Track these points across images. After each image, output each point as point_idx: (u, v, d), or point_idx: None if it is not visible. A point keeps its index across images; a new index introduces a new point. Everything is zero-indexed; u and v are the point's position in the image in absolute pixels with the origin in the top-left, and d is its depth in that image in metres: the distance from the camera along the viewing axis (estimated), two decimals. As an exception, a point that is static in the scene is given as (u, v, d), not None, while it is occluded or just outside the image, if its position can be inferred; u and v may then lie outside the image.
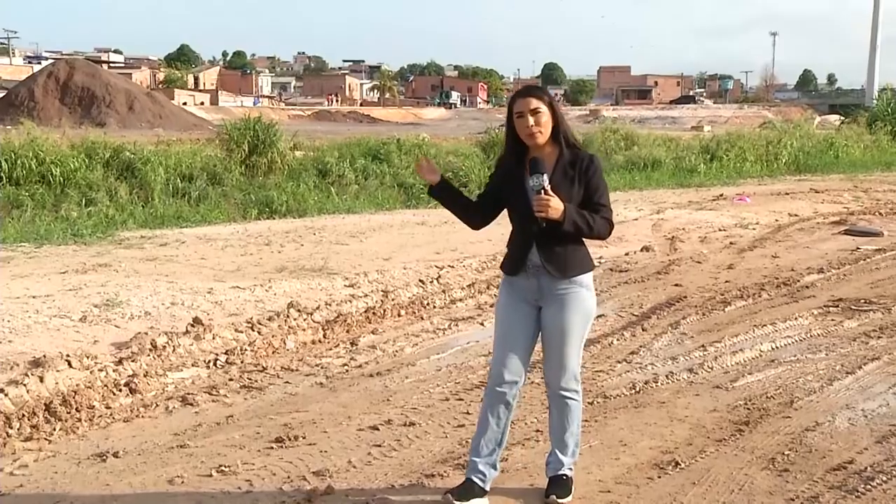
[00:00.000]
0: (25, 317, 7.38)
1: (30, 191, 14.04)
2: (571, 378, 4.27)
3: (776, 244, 12.82)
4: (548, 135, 4.06)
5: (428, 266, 10.34)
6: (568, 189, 4.02)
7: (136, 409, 5.79)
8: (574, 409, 4.34)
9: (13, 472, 4.75)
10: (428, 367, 6.83)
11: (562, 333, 4.16)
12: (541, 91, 4.10)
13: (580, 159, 4.08)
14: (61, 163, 14.88)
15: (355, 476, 4.74)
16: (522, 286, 4.19)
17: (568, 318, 4.14)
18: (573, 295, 4.12)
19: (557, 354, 4.21)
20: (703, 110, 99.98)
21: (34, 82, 54.21)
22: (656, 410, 5.80)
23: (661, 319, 8.24)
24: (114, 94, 53.14)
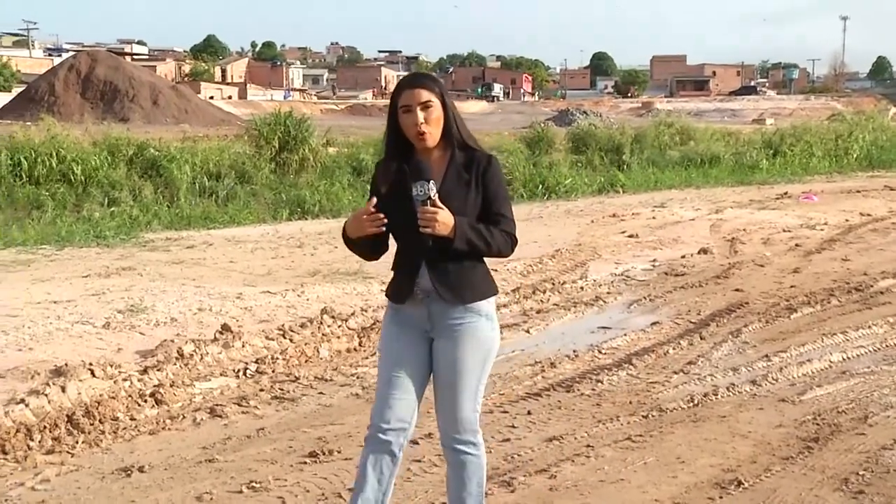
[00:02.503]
0: (47, 323, 7.49)
1: (50, 190, 14.25)
2: (466, 428, 3.65)
3: (847, 246, 12.66)
4: (439, 134, 3.56)
5: (470, 270, 10.32)
6: (463, 196, 3.53)
7: (162, 420, 5.85)
8: (471, 465, 3.69)
9: (35, 486, 4.82)
10: (470, 377, 6.81)
11: (455, 373, 3.60)
12: (432, 80, 3.63)
13: (476, 161, 3.59)
14: (83, 161, 15.08)
15: (395, 493, 4.73)
16: (411, 315, 3.65)
17: (462, 355, 3.60)
18: (470, 326, 3.59)
19: (449, 398, 3.63)
20: (766, 102, 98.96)
21: (54, 76, 54.93)
22: (716, 425, 5.75)
23: (721, 327, 8.17)
24: (137, 88, 53.69)
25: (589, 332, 8.17)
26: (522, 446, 5.39)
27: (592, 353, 7.42)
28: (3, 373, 6.29)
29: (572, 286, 9.96)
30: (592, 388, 6.48)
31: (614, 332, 8.05)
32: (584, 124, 27.88)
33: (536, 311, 8.90)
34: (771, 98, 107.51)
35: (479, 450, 3.71)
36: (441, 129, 3.56)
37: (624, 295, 9.66)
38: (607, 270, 10.86)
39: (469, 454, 3.68)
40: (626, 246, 12.67)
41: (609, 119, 39.26)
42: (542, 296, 9.44)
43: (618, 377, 6.74)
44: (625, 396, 6.32)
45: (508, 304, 9.13)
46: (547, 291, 9.60)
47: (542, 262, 11.18)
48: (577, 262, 11.39)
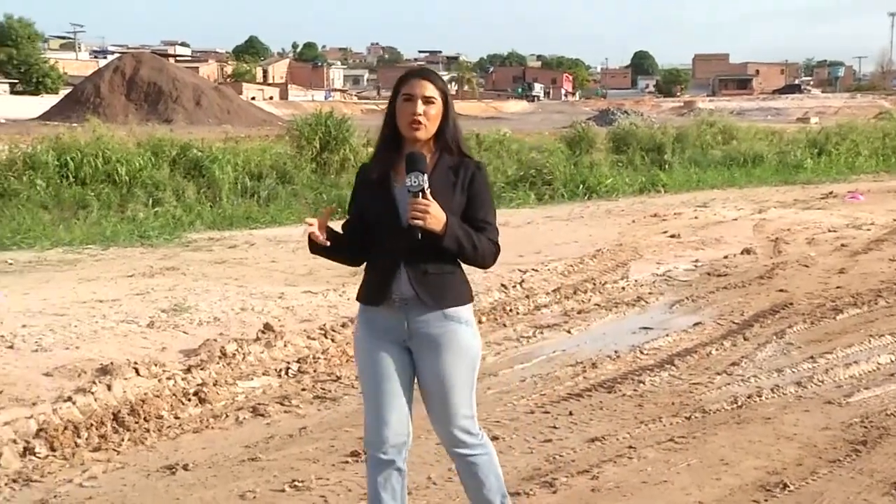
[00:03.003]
0: (93, 322, 7.58)
1: (96, 190, 14.42)
2: (465, 433, 3.58)
3: (894, 246, 12.48)
4: (432, 131, 3.47)
5: (510, 270, 10.33)
6: (449, 197, 3.42)
7: (205, 419, 5.90)
8: (484, 463, 3.64)
9: (82, 483, 4.89)
10: (511, 377, 6.82)
11: (445, 387, 3.50)
12: (439, 78, 3.54)
13: (464, 166, 3.50)
14: (127, 161, 15.24)
15: (435, 493, 4.75)
16: (386, 322, 3.51)
17: (449, 366, 3.49)
18: (451, 334, 3.47)
19: (444, 412, 3.54)
20: (811, 100, 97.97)
21: (100, 78, 55.68)
22: (761, 427, 5.69)
23: (765, 328, 8.09)
24: (181, 89, 54.28)
25: (630, 332, 8.13)
26: (564, 447, 5.37)
27: (634, 353, 7.38)
28: (51, 371, 6.38)
29: (613, 286, 9.91)
30: (634, 389, 6.45)
31: (656, 333, 8.00)
32: (624, 124, 27.74)
33: (577, 311, 8.86)
34: (816, 96, 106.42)
35: (485, 447, 3.66)
36: (436, 126, 3.48)
37: (666, 295, 9.59)
38: (649, 270, 10.80)
39: (478, 454, 3.63)
40: (667, 246, 12.58)
41: (650, 118, 39.02)
42: (583, 296, 9.41)
43: (660, 378, 6.70)
44: (667, 397, 6.28)
45: (549, 304, 9.11)
46: (588, 292, 9.57)
47: (582, 262, 11.14)
48: (619, 262, 11.33)
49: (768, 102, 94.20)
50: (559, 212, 16.52)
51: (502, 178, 19.06)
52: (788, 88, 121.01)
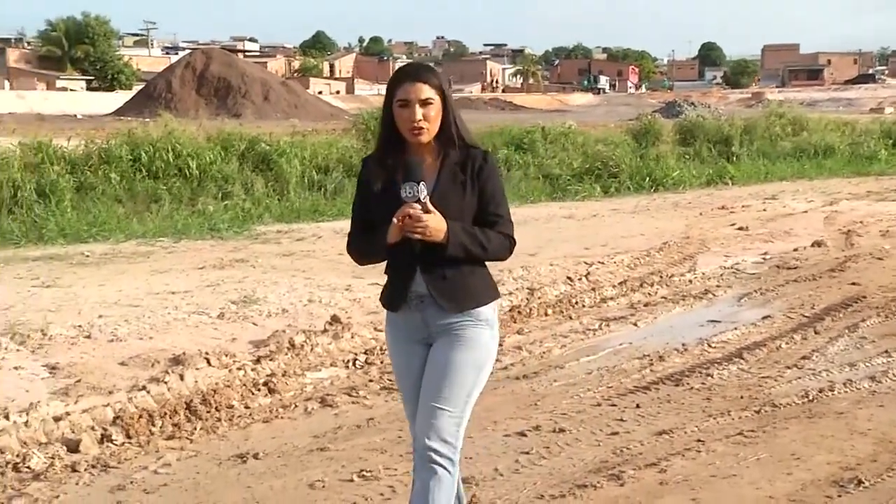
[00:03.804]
0: (165, 313, 7.71)
1: (167, 184, 14.64)
2: (445, 439, 3.28)
3: (970, 238, 12.17)
4: (435, 131, 3.32)
5: (576, 262, 10.28)
6: (459, 198, 3.30)
7: (274, 409, 5.97)
8: (443, 482, 3.27)
9: (157, 470, 4.98)
10: (578, 369, 6.79)
11: (443, 375, 3.31)
12: (433, 74, 3.34)
13: (471, 159, 3.35)
14: (198, 155, 15.43)
15: (502, 484, 4.75)
16: (407, 324, 3.42)
17: (455, 358, 3.32)
18: (467, 332, 3.33)
19: (432, 402, 3.30)
20: (885, 90, 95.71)
21: (172, 74, 56.56)
22: (833, 422, 5.59)
23: (837, 322, 7.94)
24: (249, 84, 54.89)
25: (698, 325, 8.04)
26: (631, 440, 5.34)
27: (702, 346, 7.30)
28: (126, 360, 6.51)
29: (680, 279, 9.80)
30: (702, 382, 6.38)
31: (724, 326, 7.90)
32: (691, 116, 27.42)
33: (644, 304, 8.79)
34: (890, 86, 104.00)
35: (454, 466, 3.32)
36: (438, 125, 3.32)
37: (734, 288, 9.47)
38: (716, 263, 10.66)
39: (442, 467, 3.28)
40: (735, 238, 12.41)
41: (717, 110, 38.50)
42: (650, 289, 9.33)
43: (728, 371, 6.62)
44: (736, 391, 6.20)
45: (615, 296, 9.04)
46: (655, 284, 9.48)
47: (649, 255, 11.04)
48: (686, 254, 11.21)
49: (840, 93, 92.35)
50: (625, 204, 16.39)
51: (567, 170, 18.95)
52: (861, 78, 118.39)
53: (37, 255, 10.38)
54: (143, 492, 4.70)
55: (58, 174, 13.63)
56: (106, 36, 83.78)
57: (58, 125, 25.49)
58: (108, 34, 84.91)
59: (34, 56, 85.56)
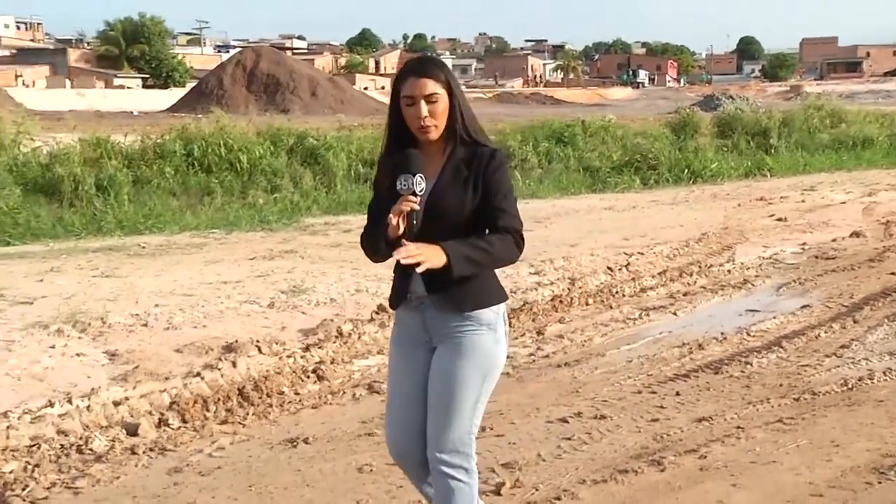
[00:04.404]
0: (218, 302, 7.77)
1: (219, 178, 14.75)
2: (457, 449, 3.18)
3: None
4: (443, 126, 3.15)
5: (616, 253, 10.22)
6: (459, 194, 3.12)
7: (323, 395, 6.00)
8: (459, 491, 3.20)
9: (211, 453, 5.03)
10: (618, 357, 6.75)
11: (448, 386, 3.17)
12: (439, 68, 3.18)
13: (479, 156, 3.15)
14: (248, 150, 15.53)
15: (545, 469, 4.74)
16: (409, 324, 3.29)
17: (459, 367, 3.16)
18: (470, 337, 3.15)
19: (440, 415, 3.19)
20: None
21: (223, 71, 56.91)
22: (873, 409, 5.51)
23: (876, 311, 7.82)
24: (297, 81, 55.07)
25: (737, 314, 7.96)
26: (671, 426, 5.30)
27: (741, 335, 7.23)
28: (181, 348, 6.57)
29: (719, 269, 9.71)
30: (741, 371, 6.32)
31: (763, 315, 7.82)
32: (730, 108, 27.07)
33: (683, 293, 8.72)
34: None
35: (471, 477, 3.22)
36: (446, 121, 3.15)
37: (773, 278, 9.36)
38: (755, 254, 10.55)
39: (458, 480, 3.19)
40: (774, 229, 12.27)
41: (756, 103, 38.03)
42: (689, 278, 9.25)
43: (767, 360, 6.55)
44: (775, 379, 6.14)
45: (655, 286, 8.98)
46: (694, 274, 9.40)
47: (688, 246, 10.94)
48: (724, 245, 11.09)
49: (879, 85, 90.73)
50: (664, 196, 16.25)
51: (607, 163, 18.85)
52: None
53: (96, 246, 10.51)
54: (198, 474, 4.75)
55: (115, 169, 13.80)
56: (160, 35, 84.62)
57: (115, 122, 25.75)
58: (163, 34, 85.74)
59: (93, 56, 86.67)
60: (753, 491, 4.43)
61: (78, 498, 4.49)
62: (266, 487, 4.58)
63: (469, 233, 3.12)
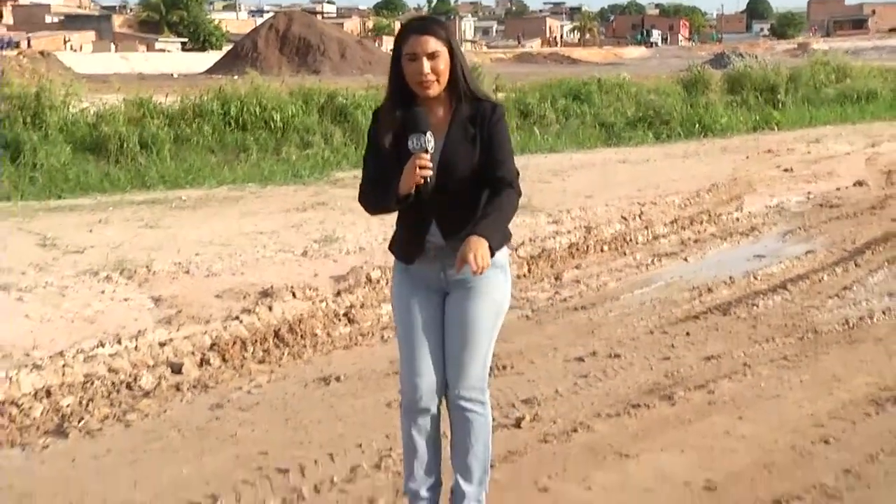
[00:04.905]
0: (254, 251, 7.80)
1: (254, 135, 14.73)
2: (475, 385, 3.26)
3: None
4: (444, 83, 3.11)
5: (630, 203, 10.15)
6: (468, 151, 3.12)
7: (354, 337, 6.03)
8: (478, 425, 3.30)
9: (250, 390, 5.08)
10: (632, 301, 6.74)
11: (465, 328, 3.21)
12: (440, 27, 3.11)
13: (481, 112, 3.14)
14: (281, 109, 15.47)
15: (562, 404, 4.76)
16: (422, 273, 3.26)
17: (476, 312, 3.20)
18: (483, 279, 3.13)
19: (460, 356, 3.23)
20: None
21: (257, 35, 56.67)
22: (873, 347, 5.49)
23: (877, 255, 7.76)
24: (328, 44, 54.78)
25: (744, 259, 7.91)
26: (682, 364, 5.30)
27: (748, 279, 7.19)
28: (220, 294, 6.60)
29: (728, 217, 9.64)
30: (748, 312, 6.29)
31: (769, 260, 7.77)
32: (739, 66, 26.65)
33: (694, 240, 8.67)
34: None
35: (486, 409, 3.32)
36: (447, 78, 3.10)
37: (779, 226, 9.29)
38: (762, 203, 10.46)
39: (476, 412, 3.29)
40: (780, 180, 12.14)
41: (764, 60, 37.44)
42: (700, 227, 9.19)
43: (773, 301, 6.52)
44: (780, 319, 6.11)
45: (667, 234, 8.93)
46: (704, 223, 9.34)
47: (699, 196, 10.84)
48: (733, 195, 10.99)
49: (884, 41, 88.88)
50: (676, 149, 16.07)
51: (622, 118, 18.65)
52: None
53: (140, 199, 10.55)
54: (238, 409, 4.81)
55: (157, 127, 13.81)
56: (198, 1, 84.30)
57: (157, 83, 25.76)
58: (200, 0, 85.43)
59: (136, 21, 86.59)
60: (758, 423, 4.43)
61: (128, 430, 4.56)
62: (301, 422, 4.63)
63: (475, 184, 3.15)
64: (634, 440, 4.28)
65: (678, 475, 3.91)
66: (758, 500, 3.67)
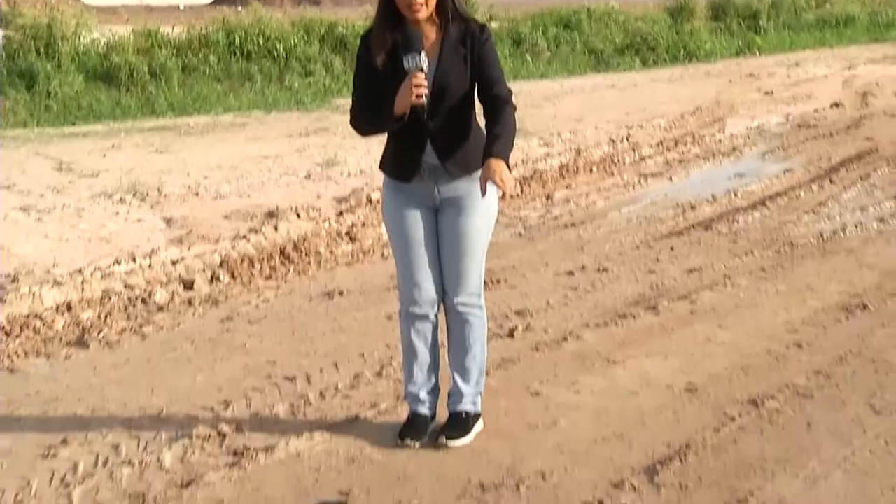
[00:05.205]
0: (260, 174, 7.75)
1: (258, 65, 14.51)
2: (472, 292, 3.30)
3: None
4: (433, 6, 3.02)
5: (618, 126, 10.06)
6: (461, 71, 3.08)
7: (355, 254, 6.02)
8: (476, 326, 3.35)
9: (258, 305, 5.08)
10: (619, 218, 6.71)
11: (461, 242, 3.21)
12: None
13: (471, 33, 3.09)
14: (284, 39, 15.22)
15: (553, 315, 4.77)
16: (415, 191, 3.22)
17: (468, 224, 3.20)
18: (475, 195, 3.07)
19: (455, 266, 3.25)
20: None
21: (257, -32, 55.63)
22: (844, 258, 5.49)
23: (851, 172, 7.72)
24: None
25: (726, 178, 7.87)
26: (666, 276, 5.30)
27: (729, 196, 7.16)
28: (228, 214, 6.57)
29: (711, 139, 9.56)
30: (729, 227, 6.28)
31: (749, 179, 7.72)
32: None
33: (678, 161, 8.61)
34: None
35: (483, 313, 3.36)
36: (435, 1, 3.03)
37: (759, 146, 9.21)
38: (743, 124, 10.36)
39: (475, 316, 3.33)
40: (761, 102, 12.01)
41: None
42: (684, 148, 9.12)
43: (752, 217, 6.50)
44: (759, 234, 6.10)
45: (653, 155, 8.87)
46: (688, 144, 9.27)
47: (683, 119, 10.74)
48: (716, 117, 10.89)
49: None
50: (662, 74, 15.88)
51: (610, 45, 18.40)
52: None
53: (150, 126, 10.45)
54: (247, 322, 4.82)
55: (165, 57, 13.59)
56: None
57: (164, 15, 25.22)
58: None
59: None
60: (737, 330, 4.45)
61: (145, 341, 4.58)
62: (306, 333, 4.64)
63: (467, 104, 3.13)
64: (621, 347, 4.29)
65: (661, 379, 3.93)
66: (735, 399, 3.70)
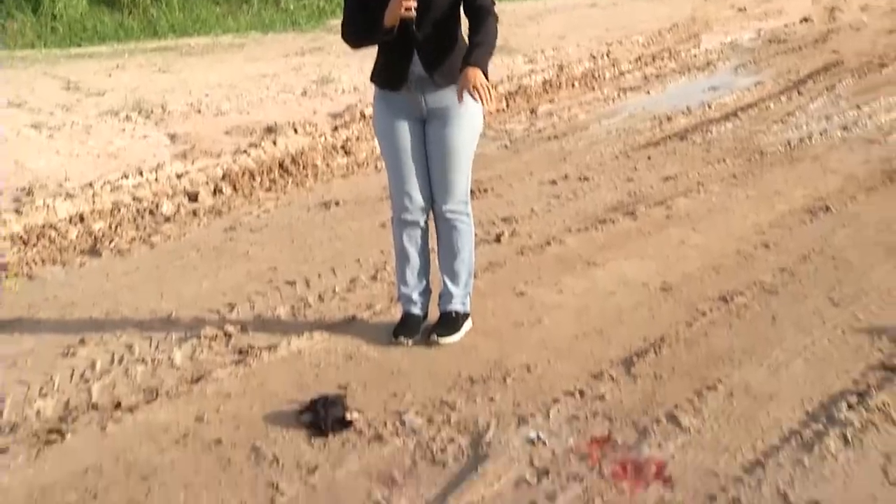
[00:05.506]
0: (258, 92, 7.61)
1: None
2: (460, 199, 3.27)
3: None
4: None
5: (599, 43, 9.86)
6: None
7: (350, 167, 5.97)
8: (464, 232, 3.33)
9: (259, 215, 5.06)
10: (599, 130, 6.65)
11: (448, 152, 3.17)
12: None
13: None
14: (278, -39, 14.83)
15: (537, 221, 4.76)
16: (403, 102, 3.17)
17: (454, 135, 3.16)
18: (463, 105, 3.05)
19: (443, 175, 3.22)
20: None
21: None
22: (810, 164, 5.47)
23: (817, 84, 7.62)
24: None
25: (700, 91, 7.76)
26: (643, 184, 5.29)
27: (703, 108, 7.08)
28: (229, 130, 6.48)
29: (687, 54, 9.40)
30: (703, 137, 6.23)
31: (722, 91, 7.62)
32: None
33: (655, 75, 8.48)
34: None
35: (470, 219, 3.35)
36: None
37: (732, 60, 9.06)
38: (717, 40, 10.16)
39: (463, 223, 3.32)
40: (734, 19, 11.77)
41: None
42: (661, 63, 8.97)
43: (725, 128, 6.44)
44: (731, 143, 6.06)
45: (631, 70, 8.73)
46: (665, 59, 9.11)
47: (660, 35, 10.53)
48: (691, 34, 10.67)
49: None
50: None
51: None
52: None
53: (153, 47, 10.21)
54: (249, 231, 4.80)
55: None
56: None
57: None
58: None
59: None
60: (709, 233, 4.46)
61: (153, 250, 4.57)
62: (305, 241, 4.63)
63: (453, 17, 3.09)
64: (601, 251, 4.30)
65: (638, 279, 3.95)
66: (706, 297, 3.73)
